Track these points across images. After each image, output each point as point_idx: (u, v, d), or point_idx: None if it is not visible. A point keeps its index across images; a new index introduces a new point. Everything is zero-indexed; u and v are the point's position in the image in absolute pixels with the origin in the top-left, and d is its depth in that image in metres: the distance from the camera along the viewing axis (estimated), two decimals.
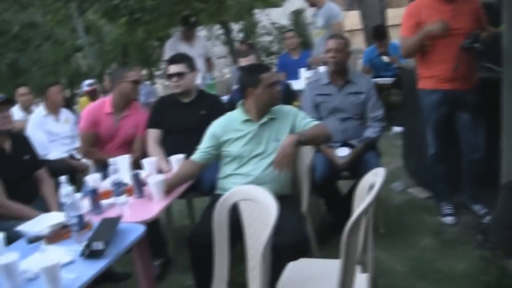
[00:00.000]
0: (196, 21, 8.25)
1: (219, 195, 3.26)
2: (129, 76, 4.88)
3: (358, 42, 11.32)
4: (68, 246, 2.92)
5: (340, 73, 4.71)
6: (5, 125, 4.12)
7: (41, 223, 3.24)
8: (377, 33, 8.65)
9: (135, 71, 5.10)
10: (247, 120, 3.77)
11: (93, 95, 8.42)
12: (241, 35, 16.03)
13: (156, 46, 14.56)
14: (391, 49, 8.37)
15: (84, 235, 2.96)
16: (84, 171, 5.78)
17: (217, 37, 15.52)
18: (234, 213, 2.98)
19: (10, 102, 4.32)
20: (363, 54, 9.11)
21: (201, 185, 4.18)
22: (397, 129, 7.37)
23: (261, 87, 3.69)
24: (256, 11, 16.40)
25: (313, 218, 4.01)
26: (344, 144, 4.60)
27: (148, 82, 9.03)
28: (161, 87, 9.65)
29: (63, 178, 3.05)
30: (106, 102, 5.00)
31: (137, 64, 9.43)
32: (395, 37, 7.22)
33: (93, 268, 2.67)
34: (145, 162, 4.18)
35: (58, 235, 3.05)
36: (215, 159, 3.86)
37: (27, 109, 7.26)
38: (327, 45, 4.75)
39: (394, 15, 7.75)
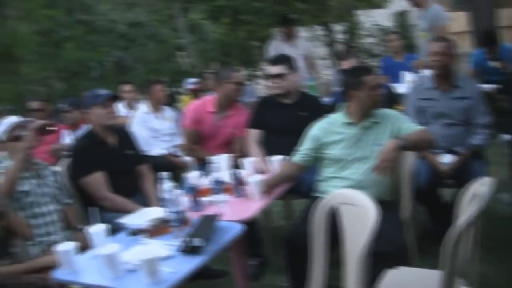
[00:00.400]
0: (294, 19, 8.22)
1: (318, 198, 3.23)
2: (234, 77, 4.91)
3: (466, 45, 10.92)
4: (167, 241, 2.97)
5: (445, 77, 4.54)
6: (109, 120, 4.26)
7: (142, 217, 3.32)
8: (487, 39, 8.27)
9: (238, 72, 5.13)
10: (348, 123, 3.71)
11: (196, 94, 8.56)
12: (343, 36, 15.89)
13: (257, 46, 14.67)
14: (503, 52, 7.99)
15: (183, 230, 3.00)
16: (184, 168, 5.87)
17: (318, 38, 15.46)
18: (333, 217, 2.94)
19: (116, 98, 4.45)
20: (470, 57, 8.77)
21: (299, 187, 4.15)
22: (506, 137, 7.06)
23: (364, 90, 3.62)
24: (359, 12, 16.20)
25: (413, 225, 3.90)
26: (448, 150, 4.45)
27: (248, 82, 9.09)
28: (261, 87, 9.69)
29: (164, 174, 3.11)
30: (209, 100, 5.06)
31: (238, 64, 9.51)
32: (508, 40, 6.86)
33: (191, 263, 2.71)
34: (245, 161, 4.20)
35: (158, 229, 3.11)
36: (315, 162, 3.82)
37: (131, 105, 7.46)
38: (431, 48, 4.59)
39: (508, 16, 7.35)
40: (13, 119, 3.85)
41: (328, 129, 3.74)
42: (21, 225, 3.53)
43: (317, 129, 3.78)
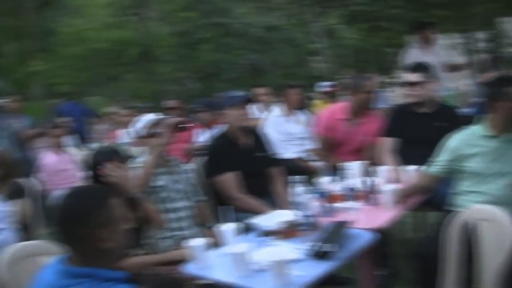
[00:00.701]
0: (431, 23, 8.01)
1: (453, 211, 3.12)
2: (366, 86, 4.86)
3: None
4: (297, 244, 2.98)
5: None
6: (243, 122, 4.33)
7: (273, 219, 3.35)
8: None
9: (372, 80, 5.07)
10: (489, 136, 3.54)
11: (329, 98, 8.53)
12: (485, 45, 15.20)
13: (392, 53, 14.38)
14: None
15: (313, 235, 2.99)
16: (314, 172, 5.85)
17: (457, 47, 14.93)
18: (468, 232, 2.83)
19: (250, 100, 4.52)
20: None
21: (433, 199, 4.02)
22: None
23: (507, 102, 3.43)
24: (504, 19, 15.42)
25: None
26: None
27: (382, 89, 8.93)
28: (395, 95, 9.51)
29: (296, 178, 3.12)
30: (340, 107, 5.04)
31: (373, 71, 9.36)
32: None
33: (320, 268, 2.71)
34: (379, 170, 4.13)
35: (288, 232, 3.13)
36: (451, 174, 3.68)
37: (265, 108, 7.53)
38: None
39: None
40: (150, 117, 4.01)
41: (467, 141, 3.59)
42: (155, 214, 3.64)
43: (456, 141, 3.64)
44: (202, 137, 6.55)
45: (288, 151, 6.29)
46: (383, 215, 3.47)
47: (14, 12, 19.62)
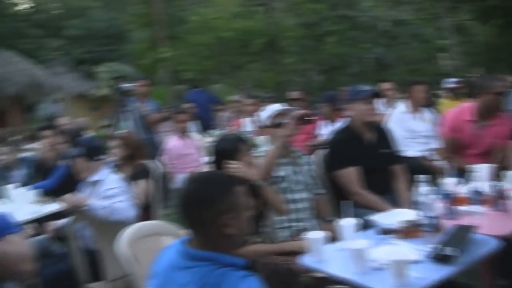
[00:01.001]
0: None
1: None
2: (494, 87, 4.65)
3: None
4: (417, 245, 2.91)
5: None
6: (369, 117, 4.28)
7: (394, 217, 3.30)
8: None
9: (503, 80, 4.84)
10: None
11: (455, 94, 8.28)
12: None
13: None
14: None
15: (434, 237, 2.92)
16: (438, 172, 5.69)
17: None
18: None
19: (377, 95, 4.45)
20: None
21: None
22: None
23: None
24: None
25: None
26: None
27: None
28: None
29: (422, 177, 3.04)
30: (467, 108, 4.86)
31: (505, 71, 8.94)
32: None
33: (440, 272, 2.64)
34: (509, 175, 3.96)
35: (409, 232, 3.06)
36: None
37: (389, 104, 7.40)
38: None
39: None
40: (276, 107, 4.04)
41: None
42: (277, 202, 3.64)
43: None
44: (325, 130, 6.54)
45: (411, 149, 6.15)
46: (510, 222, 3.32)
47: (146, 1, 20.47)
